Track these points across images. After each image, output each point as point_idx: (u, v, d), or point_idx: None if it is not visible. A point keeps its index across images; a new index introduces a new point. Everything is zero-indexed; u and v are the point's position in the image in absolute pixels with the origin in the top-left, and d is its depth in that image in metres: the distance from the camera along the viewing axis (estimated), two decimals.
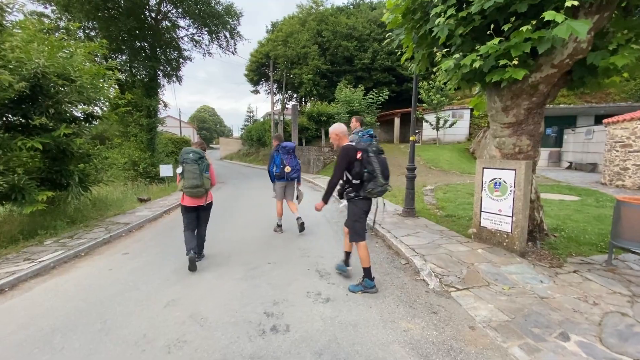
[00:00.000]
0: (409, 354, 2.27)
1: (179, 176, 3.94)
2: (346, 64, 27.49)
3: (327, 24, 28.10)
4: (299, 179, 5.65)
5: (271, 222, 6.06)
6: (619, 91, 17.85)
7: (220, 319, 2.79)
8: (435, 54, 4.18)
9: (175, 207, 8.14)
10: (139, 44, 13.55)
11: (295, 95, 33.34)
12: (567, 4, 2.79)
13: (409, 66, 5.32)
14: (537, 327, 2.51)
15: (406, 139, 21.91)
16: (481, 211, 4.43)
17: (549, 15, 2.85)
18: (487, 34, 3.43)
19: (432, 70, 4.99)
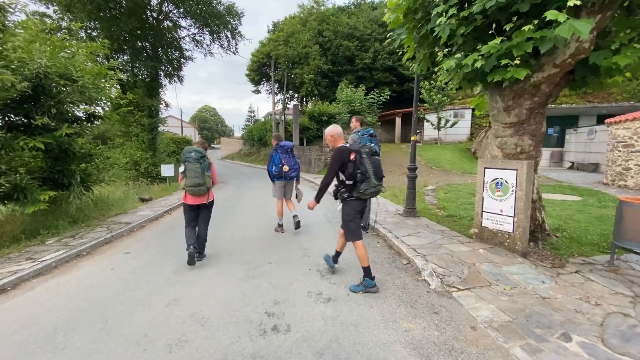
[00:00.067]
0: (410, 354, 2.27)
1: (181, 175, 4.00)
2: (347, 64, 27.48)
3: (328, 23, 28.10)
4: (298, 178, 5.67)
5: (272, 222, 6.06)
6: (622, 91, 17.78)
7: (221, 319, 2.79)
8: (436, 54, 4.17)
9: (176, 206, 8.16)
10: (141, 44, 13.58)
11: (296, 95, 33.36)
12: (570, 3, 2.78)
13: (410, 66, 5.31)
14: (538, 328, 2.50)
15: (407, 138, 21.92)
16: (483, 211, 4.42)
17: (551, 14, 2.84)
18: (488, 33, 3.43)
19: (434, 70, 4.99)
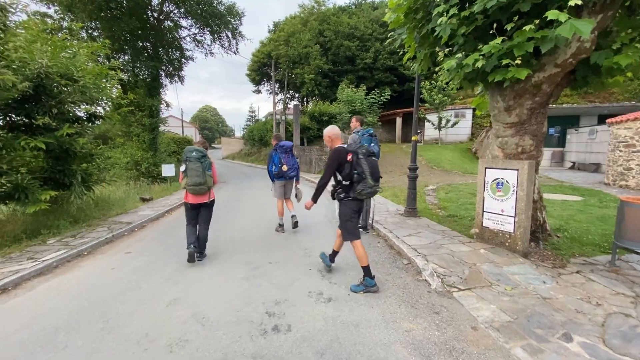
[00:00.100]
0: (411, 354, 2.27)
1: (182, 174, 4.05)
2: (348, 64, 27.49)
3: (329, 23, 28.11)
4: (298, 178, 5.69)
5: (273, 221, 6.06)
6: (623, 91, 17.74)
7: (222, 319, 2.79)
8: (437, 54, 4.17)
9: (177, 206, 8.17)
10: (142, 44, 13.59)
11: (297, 95, 33.36)
12: (571, 3, 2.78)
13: (411, 66, 5.31)
14: (539, 328, 2.50)
15: (408, 138, 21.92)
16: (483, 211, 4.42)
17: (552, 14, 2.83)
18: (489, 33, 3.42)
19: (434, 69, 4.99)
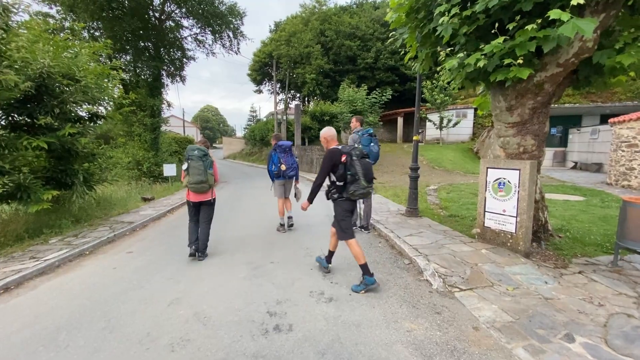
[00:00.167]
0: (412, 354, 2.27)
1: (184, 172, 4.14)
2: (349, 64, 27.49)
3: (330, 23, 28.11)
4: (297, 177, 5.70)
5: (274, 221, 6.06)
6: (625, 90, 17.67)
7: (223, 318, 2.80)
8: (439, 53, 4.16)
9: (178, 206, 8.18)
10: (143, 44, 13.63)
11: (298, 94, 33.37)
12: (573, 2, 2.76)
13: (413, 65, 5.30)
14: (541, 328, 2.49)
15: (409, 138, 21.89)
16: (485, 211, 4.40)
17: (554, 13, 2.82)
18: (491, 32, 3.41)
19: (436, 69, 4.98)
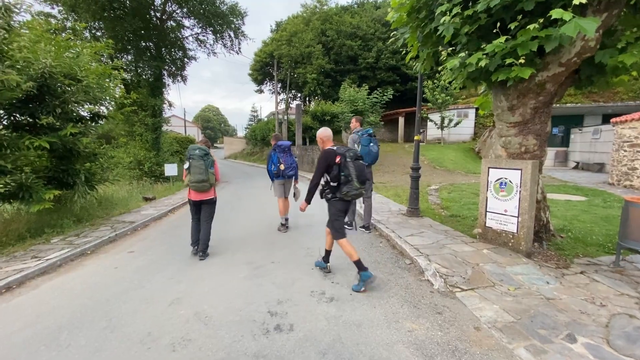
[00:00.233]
0: (413, 355, 2.26)
1: (186, 171, 4.19)
2: (350, 63, 27.47)
3: (331, 23, 28.11)
4: (297, 177, 5.70)
5: (274, 221, 6.07)
6: (628, 90, 17.59)
7: (224, 318, 2.80)
8: (440, 53, 4.16)
9: (179, 206, 8.20)
10: (144, 43, 13.65)
11: (299, 94, 33.39)
12: (575, 1, 2.75)
13: (414, 65, 5.29)
14: (543, 329, 2.48)
15: (410, 138, 21.85)
16: (486, 211, 4.39)
17: (556, 13, 2.81)
18: (493, 32, 3.40)
19: (437, 69, 4.98)
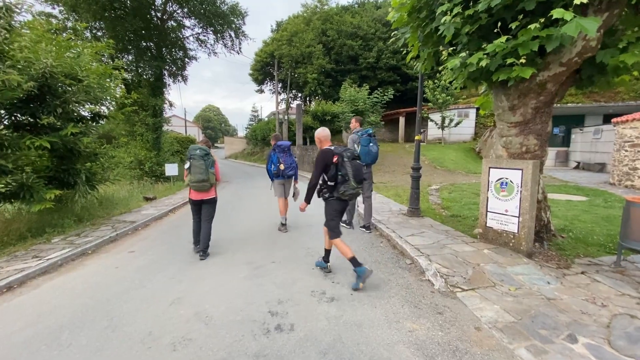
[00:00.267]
0: (414, 355, 2.26)
1: (186, 171, 4.22)
2: (351, 63, 27.45)
3: (331, 23, 28.08)
4: (296, 177, 5.71)
5: (275, 221, 6.07)
6: (629, 90, 17.55)
7: (225, 318, 2.80)
8: (441, 53, 4.15)
9: (180, 205, 8.21)
10: (145, 43, 13.65)
11: (299, 94, 33.37)
12: (576, 1, 2.75)
13: (415, 65, 5.29)
14: (544, 329, 2.48)
15: (411, 138, 21.83)
16: (487, 211, 4.39)
17: (557, 13, 2.80)
18: (494, 32, 3.40)
19: (438, 69, 4.97)
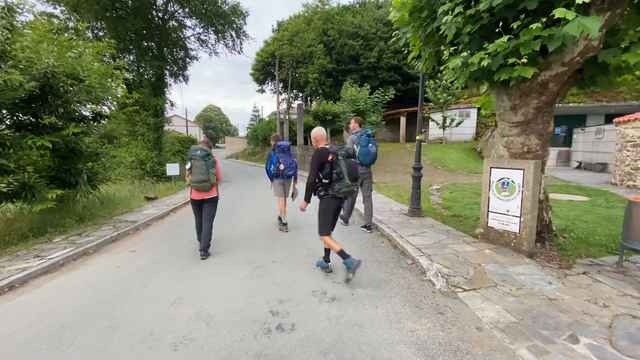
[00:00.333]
0: (415, 355, 2.26)
1: (188, 171, 4.27)
2: (352, 63, 27.42)
3: (332, 22, 28.06)
4: (296, 177, 5.72)
5: (275, 220, 6.07)
6: (631, 90, 17.47)
7: (226, 317, 2.80)
8: (442, 53, 4.14)
9: (181, 205, 8.22)
10: (146, 43, 13.67)
11: (300, 94, 33.36)
12: (578, 0, 2.73)
13: (416, 65, 5.28)
14: (545, 329, 2.48)
15: (412, 138, 21.83)
16: (488, 211, 4.38)
17: (559, 12, 2.80)
18: (495, 31, 3.38)
19: (439, 68, 4.96)
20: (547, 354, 2.20)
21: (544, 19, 3.00)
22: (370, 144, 5.07)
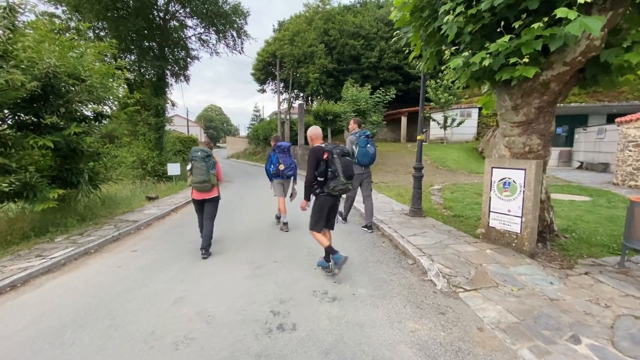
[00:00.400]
0: (416, 355, 2.26)
1: (189, 172, 4.35)
2: (353, 63, 27.40)
3: (333, 22, 28.04)
4: (295, 177, 5.73)
5: (277, 220, 6.07)
6: (633, 89, 17.38)
7: (227, 317, 2.80)
8: (443, 52, 4.13)
9: (182, 205, 8.23)
10: (148, 43, 13.68)
11: (301, 94, 33.36)
12: (580, 0, 2.73)
13: (417, 64, 5.28)
14: (547, 330, 2.47)
15: (413, 138, 21.78)
16: (490, 211, 4.37)
17: (561, 12, 2.79)
18: (497, 31, 3.37)
19: (440, 68, 4.95)
20: (548, 354, 2.19)
21: (546, 19, 2.99)
22: (368, 145, 5.09)
